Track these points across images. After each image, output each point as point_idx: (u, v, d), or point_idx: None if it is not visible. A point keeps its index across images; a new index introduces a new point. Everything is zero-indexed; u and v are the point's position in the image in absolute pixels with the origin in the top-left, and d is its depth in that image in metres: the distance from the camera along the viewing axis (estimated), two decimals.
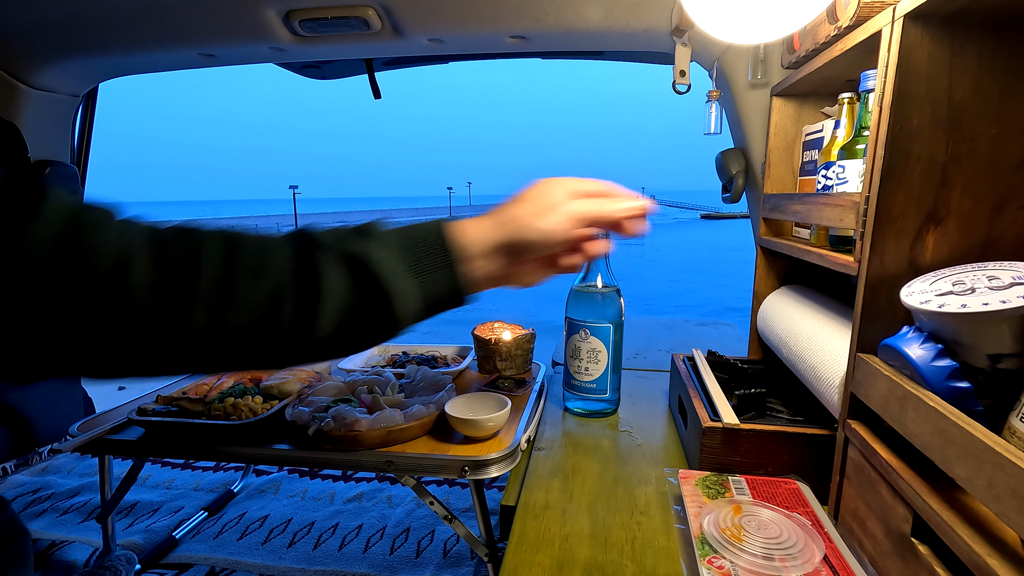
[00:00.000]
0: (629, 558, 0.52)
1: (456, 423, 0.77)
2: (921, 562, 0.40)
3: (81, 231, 0.36)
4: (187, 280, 0.38)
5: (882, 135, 0.47)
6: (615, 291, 0.83)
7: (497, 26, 1.00)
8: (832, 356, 0.57)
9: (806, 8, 0.53)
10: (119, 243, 0.37)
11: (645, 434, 0.79)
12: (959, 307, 0.38)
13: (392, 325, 0.44)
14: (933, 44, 0.44)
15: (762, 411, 0.69)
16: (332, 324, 0.41)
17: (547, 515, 0.59)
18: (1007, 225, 0.46)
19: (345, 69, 1.38)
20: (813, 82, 0.73)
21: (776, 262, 0.88)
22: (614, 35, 1.01)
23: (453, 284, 0.46)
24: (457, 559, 1.20)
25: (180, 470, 1.61)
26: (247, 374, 0.99)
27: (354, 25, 1.00)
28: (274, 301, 0.40)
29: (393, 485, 1.51)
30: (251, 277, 0.40)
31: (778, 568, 0.46)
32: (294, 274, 0.41)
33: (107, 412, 0.91)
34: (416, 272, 0.44)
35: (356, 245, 0.43)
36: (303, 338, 0.41)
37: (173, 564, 1.20)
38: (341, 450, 0.76)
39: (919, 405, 0.39)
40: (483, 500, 0.84)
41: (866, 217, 0.49)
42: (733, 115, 0.99)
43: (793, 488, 0.58)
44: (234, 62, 1.24)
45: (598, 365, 0.82)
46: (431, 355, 1.12)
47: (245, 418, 0.82)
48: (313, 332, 0.41)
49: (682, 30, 0.88)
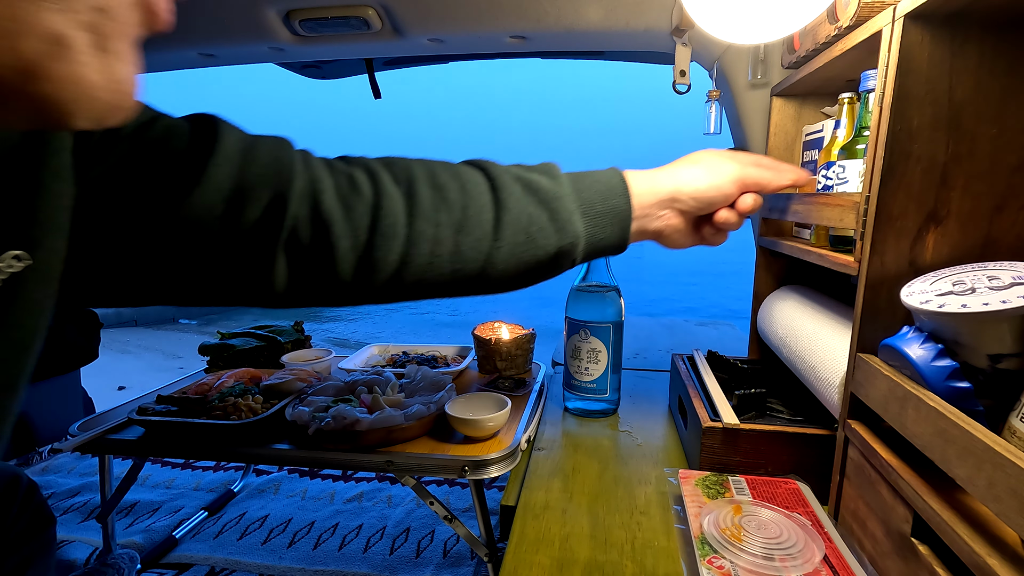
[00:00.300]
0: (629, 558, 0.52)
1: (456, 423, 0.77)
2: (921, 562, 0.40)
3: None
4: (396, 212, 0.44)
5: (882, 135, 0.47)
6: (615, 291, 0.83)
7: (497, 26, 1.00)
8: (832, 356, 0.57)
9: (806, 8, 0.53)
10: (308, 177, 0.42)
11: (645, 434, 0.79)
12: (959, 307, 0.38)
13: (558, 264, 0.49)
14: (933, 44, 0.44)
15: (762, 411, 0.69)
16: (509, 263, 0.46)
17: (547, 515, 0.59)
18: (1007, 225, 0.46)
19: (345, 69, 1.38)
20: (813, 82, 0.73)
21: (776, 262, 0.88)
22: (614, 35, 1.01)
23: (622, 235, 0.50)
24: (457, 559, 1.20)
25: (180, 470, 1.61)
26: (247, 374, 0.99)
27: (354, 25, 1.00)
28: (461, 231, 0.45)
29: (393, 485, 1.51)
30: (452, 211, 0.45)
31: (778, 568, 0.46)
32: (488, 211, 0.46)
33: (107, 412, 0.92)
34: (589, 216, 0.48)
35: (537, 186, 0.48)
36: (483, 272, 0.46)
37: (173, 564, 1.20)
38: (341, 450, 0.76)
39: (919, 405, 0.39)
40: (483, 500, 0.84)
41: (866, 217, 0.49)
42: (733, 115, 0.99)
43: (793, 488, 0.58)
44: (234, 62, 1.24)
45: (598, 365, 0.82)
46: (431, 355, 1.12)
47: (245, 418, 0.82)
48: (492, 267, 0.46)
49: (682, 30, 0.88)
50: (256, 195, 0.39)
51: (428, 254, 0.45)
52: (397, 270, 0.44)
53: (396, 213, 0.43)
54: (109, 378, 3.15)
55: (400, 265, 0.44)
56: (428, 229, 0.44)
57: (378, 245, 0.43)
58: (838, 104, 0.67)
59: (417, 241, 0.44)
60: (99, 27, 0.17)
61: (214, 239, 0.38)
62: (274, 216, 0.40)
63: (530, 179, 0.48)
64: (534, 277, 0.50)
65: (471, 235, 0.45)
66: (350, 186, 0.43)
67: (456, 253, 0.45)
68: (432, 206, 0.44)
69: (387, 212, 0.43)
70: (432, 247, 0.44)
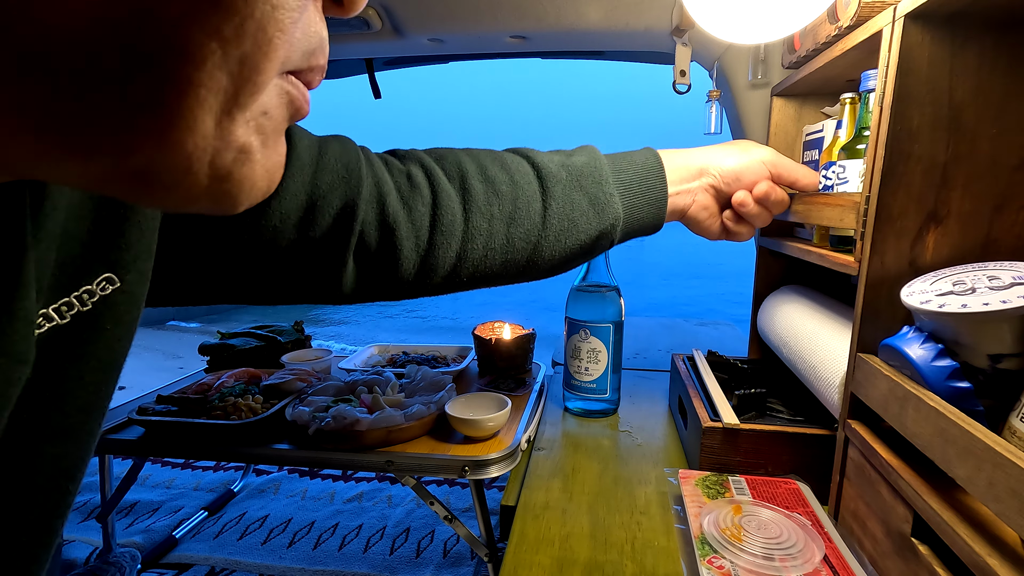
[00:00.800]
0: (629, 558, 0.52)
1: (456, 423, 0.77)
2: (921, 562, 0.40)
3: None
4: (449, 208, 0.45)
5: (882, 135, 0.47)
6: (615, 291, 0.83)
7: (497, 26, 1.00)
8: (832, 356, 0.57)
9: (807, 8, 0.53)
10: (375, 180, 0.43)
11: (645, 434, 0.79)
12: (959, 307, 0.38)
13: (597, 246, 0.50)
14: (934, 44, 0.44)
15: (762, 411, 0.69)
16: (555, 249, 0.48)
17: (547, 515, 0.59)
18: (1007, 225, 0.46)
19: (345, 69, 1.38)
20: (813, 82, 0.73)
21: (776, 262, 0.88)
22: (614, 35, 1.01)
23: (658, 213, 0.51)
24: (457, 559, 1.20)
25: (180, 470, 1.61)
26: (247, 374, 0.99)
27: (354, 25, 1.00)
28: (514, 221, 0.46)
29: (393, 485, 1.51)
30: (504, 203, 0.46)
31: (778, 568, 0.46)
32: (537, 200, 0.47)
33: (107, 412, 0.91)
34: (628, 197, 0.50)
35: (579, 172, 0.49)
36: (530, 260, 0.48)
37: (173, 564, 1.20)
38: (341, 450, 0.76)
39: (919, 405, 0.39)
40: (483, 500, 0.84)
41: (866, 217, 0.49)
42: (733, 115, 0.99)
43: (793, 488, 0.58)
44: None
45: (598, 365, 0.82)
46: (431, 355, 1.12)
47: (245, 418, 0.82)
48: (539, 255, 0.47)
49: (682, 30, 0.88)
50: (328, 203, 0.40)
51: (483, 248, 0.46)
52: (454, 266, 0.45)
53: (454, 211, 0.44)
54: None
55: (457, 261, 0.45)
56: (483, 223, 0.45)
57: (438, 243, 0.44)
58: (840, 104, 0.67)
59: (473, 236, 0.45)
60: (264, 128, 0.19)
61: (289, 247, 0.40)
62: (344, 223, 0.41)
63: (572, 164, 0.49)
64: (576, 260, 0.51)
65: (522, 226, 0.46)
66: (409, 185, 0.44)
67: (508, 244, 0.46)
68: (485, 200, 0.45)
69: (445, 210, 0.44)
70: (487, 240, 0.46)
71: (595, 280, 0.83)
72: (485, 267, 0.47)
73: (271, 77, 0.18)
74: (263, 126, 0.19)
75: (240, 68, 0.17)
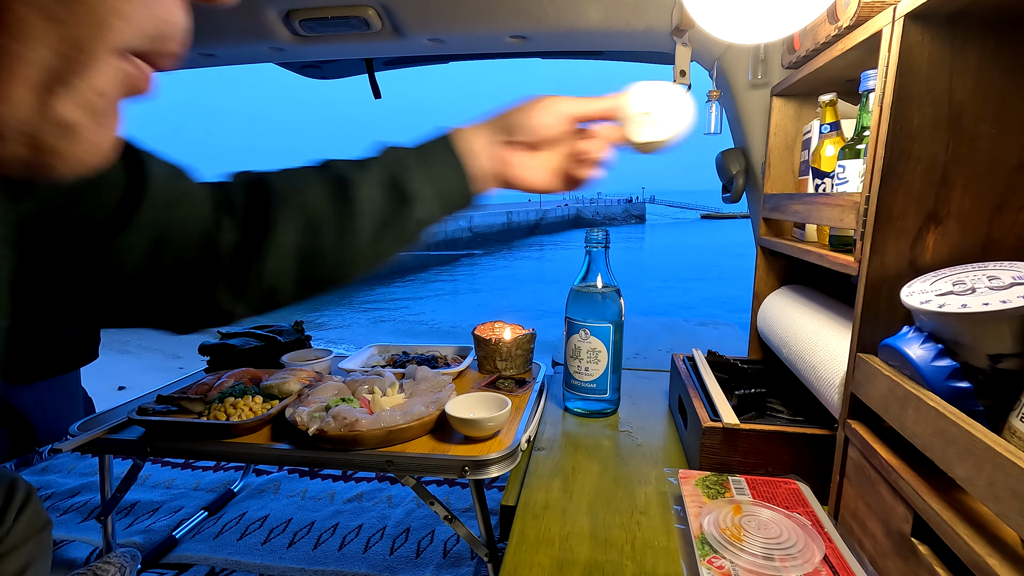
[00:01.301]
0: (629, 558, 0.52)
1: (456, 423, 0.77)
2: (921, 562, 0.40)
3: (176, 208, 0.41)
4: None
5: (882, 135, 0.47)
6: (615, 291, 0.83)
7: (497, 26, 1.00)
8: (832, 356, 0.57)
9: (806, 8, 0.53)
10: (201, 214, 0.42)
11: (645, 434, 0.79)
12: (959, 307, 0.38)
13: (416, 226, 0.49)
14: (933, 44, 0.44)
15: (762, 411, 0.69)
16: (369, 235, 0.47)
17: (547, 515, 0.59)
18: (1007, 225, 0.46)
19: (345, 69, 1.38)
20: (813, 82, 0.73)
21: (776, 262, 0.88)
22: (614, 35, 1.01)
23: (462, 179, 0.50)
24: (457, 559, 1.20)
25: (180, 470, 1.61)
26: (247, 374, 0.99)
27: (354, 25, 1.00)
28: (314, 227, 0.46)
29: (393, 485, 1.51)
30: (298, 213, 0.46)
31: (778, 568, 0.46)
32: (332, 203, 0.47)
33: (107, 412, 0.92)
34: (428, 169, 0.49)
35: (376, 163, 0.49)
36: (348, 251, 0.47)
37: (173, 564, 1.20)
38: (341, 450, 0.76)
39: (919, 405, 0.39)
40: (483, 500, 0.84)
41: (866, 217, 0.49)
42: (733, 115, 0.99)
43: (793, 488, 0.58)
44: (234, 62, 1.24)
45: (598, 365, 0.82)
46: (431, 355, 1.12)
47: (245, 418, 0.82)
48: (355, 244, 0.47)
49: (682, 30, 0.88)
50: (180, 231, 0.40)
51: (330, 264, 0.47)
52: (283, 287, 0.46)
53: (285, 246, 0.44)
54: (109, 378, 3.15)
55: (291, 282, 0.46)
56: (318, 243, 0.46)
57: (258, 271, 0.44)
58: (821, 107, 0.67)
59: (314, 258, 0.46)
60: (95, 106, 0.20)
61: (141, 276, 0.39)
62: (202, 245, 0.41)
63: (367, 166, 0.49)
64: (398, 252, 0.52)
65: (341, 244, 0.47)
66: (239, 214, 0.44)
67: (338, 262, 0.47)
68: (309, 225, 0.46)
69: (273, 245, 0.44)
70: (322, 257, 0.46)
71: (595, 280, 0.83)
72: (318, 276, 0.48)
73: (102, 58, 0.19)
74: (94, 104, 0.20)
75: (67, 47, 0.17)
